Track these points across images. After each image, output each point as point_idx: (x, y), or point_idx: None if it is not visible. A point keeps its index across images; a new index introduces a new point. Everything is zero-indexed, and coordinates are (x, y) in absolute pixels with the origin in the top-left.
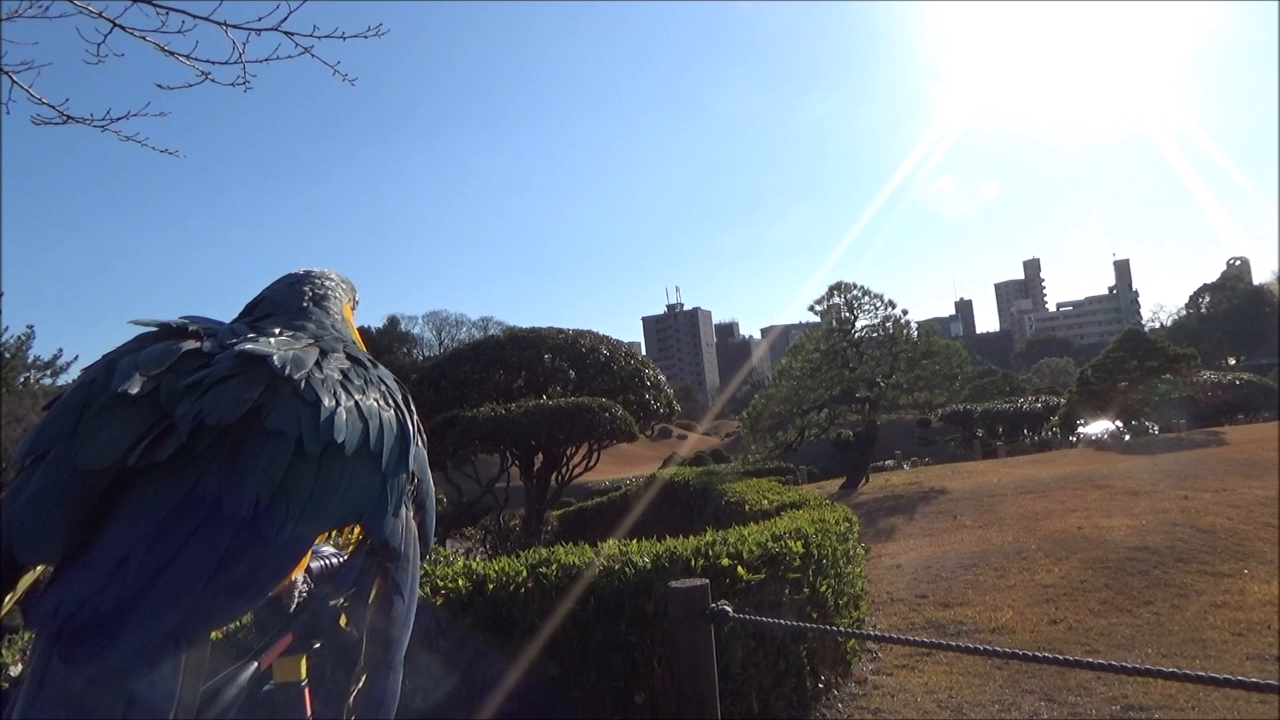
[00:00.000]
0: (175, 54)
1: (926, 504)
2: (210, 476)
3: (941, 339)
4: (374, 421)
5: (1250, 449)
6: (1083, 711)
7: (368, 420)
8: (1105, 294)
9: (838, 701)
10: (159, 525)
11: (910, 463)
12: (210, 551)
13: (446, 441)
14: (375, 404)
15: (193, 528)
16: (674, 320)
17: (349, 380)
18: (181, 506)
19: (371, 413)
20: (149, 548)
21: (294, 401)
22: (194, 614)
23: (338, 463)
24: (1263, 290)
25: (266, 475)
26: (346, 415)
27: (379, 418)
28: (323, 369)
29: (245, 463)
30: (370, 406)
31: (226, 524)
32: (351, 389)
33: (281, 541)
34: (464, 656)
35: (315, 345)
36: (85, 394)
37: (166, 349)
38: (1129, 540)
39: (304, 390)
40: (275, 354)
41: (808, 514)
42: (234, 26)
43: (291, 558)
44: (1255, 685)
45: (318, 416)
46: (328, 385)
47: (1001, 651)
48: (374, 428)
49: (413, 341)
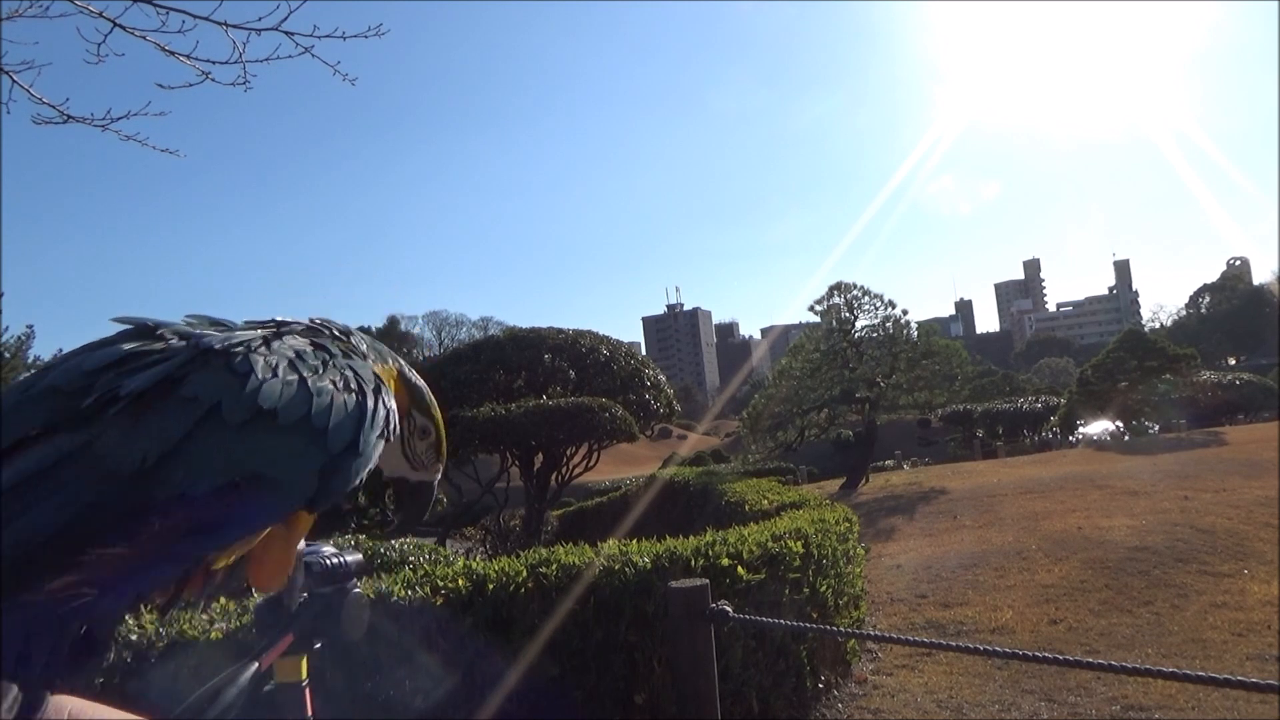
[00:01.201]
0: (175, 54)
1: (926, 504)
2: (105, 436)
3: (941, 339)
4: (321, 399)
5: (1250, 449)
6: (1083, 711)
7: (314, 397)
8: (1105, 294)
9: (838, 701)
10: (32, 472)
11: (910, 463)
12: (75, 500)
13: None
14: (329, 384)
15: (70, 478)
16: (674, 320)
17: (301, 359)
18: (63, 459)
19: (321, 390)
20: (14, 490)
21: (221, 373)
22: (42, 560)
23: (265, 432)
24: (1263, 290)
25: (160, 436)
26: (284, 388)
27: (329, 396)
28: (271, 347)
29: (143, 425)
30: (321, 385)
31: (109, 479)
32: (302, 368)
33: (162, 500)
34: (464, 656)
35: (277, 329)
36: (17, 388)
37: (117, 350)
38: (1129, 540)
39: (237, 363)
40: (218, 333)
41: (808, 514)
42: (234, 26)
43: (180, 517)
44: (1255, 685)
45: (244, 386)
46: (268, 361)
47: (1001, 651)
48: (319, 404)
49: (413, 341)
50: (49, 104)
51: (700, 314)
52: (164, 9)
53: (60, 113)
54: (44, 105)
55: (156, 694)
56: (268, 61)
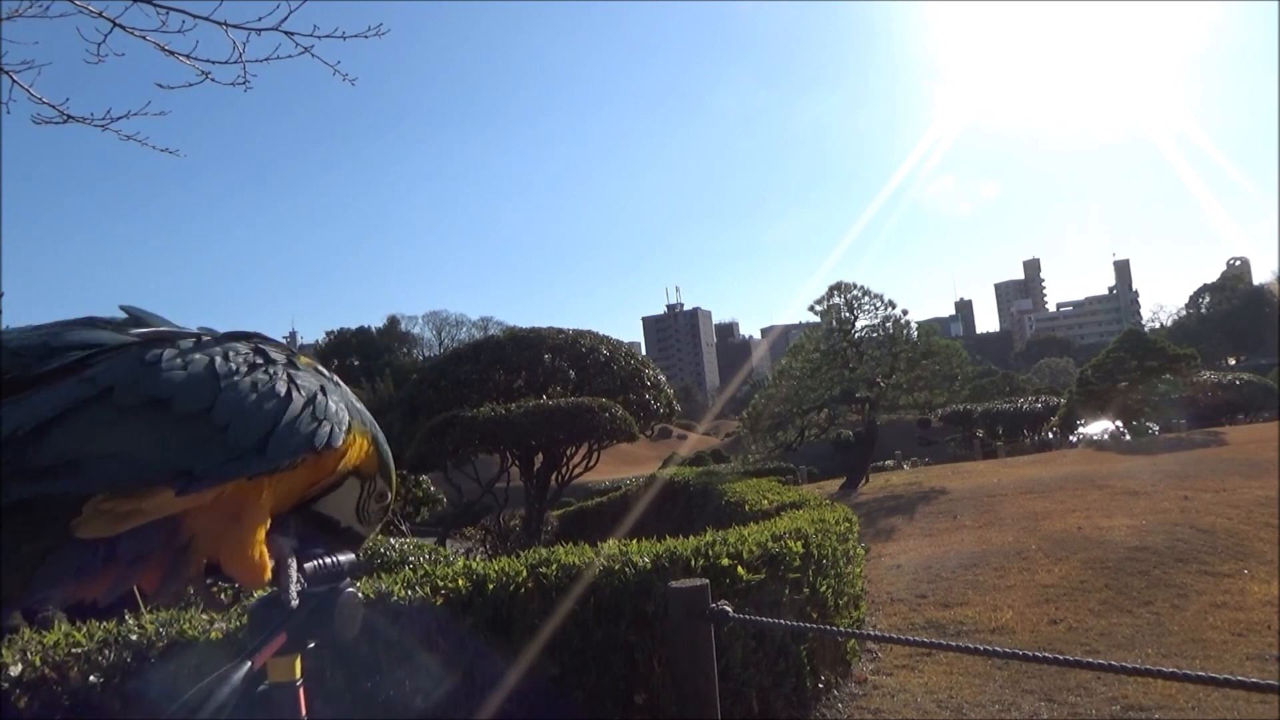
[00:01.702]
0: (175, 54)
1: (926, 504)
2: (5, 407)
3: (941, 339)
4: (229, 394)
5: (1250, 449)
6: (1083, 711)
7: (222, 390)
8: (1105, 294)
9: (838, 701)
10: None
11: (910, 463)
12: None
13: (446, 441)
14: (247, 382)
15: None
16: (674, 320)
17: (227, 359)
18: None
19: (239, 388)
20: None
21: (131, 362)
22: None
23: (156, 418)
24: (1263, 290)
25: (35, 409)
26: (189, 380)
27: (240, 391)
28: (201, 344)
29: (27, 399)
30: (240, 384)
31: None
32: (226, 366)
33: (33, 469)
34: (464, 656)
35: (212, 333)
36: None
37: (80, 335)
38: (1129, 540)
39: (149, 354)
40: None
41: (808, 514)
42: (234, 26)
43: (44, 487)
44: (1255, 685)
45: (148, 376)
46: (186, 356)
47: (1001, 651)
48: (229, 399)
49: (413, 341)
50: (49, 104)
51: (700, 314)
52: (164, 9)
53: (60, 113)
54: (44, 105)
55: (156, 694)
56: (268, 61)
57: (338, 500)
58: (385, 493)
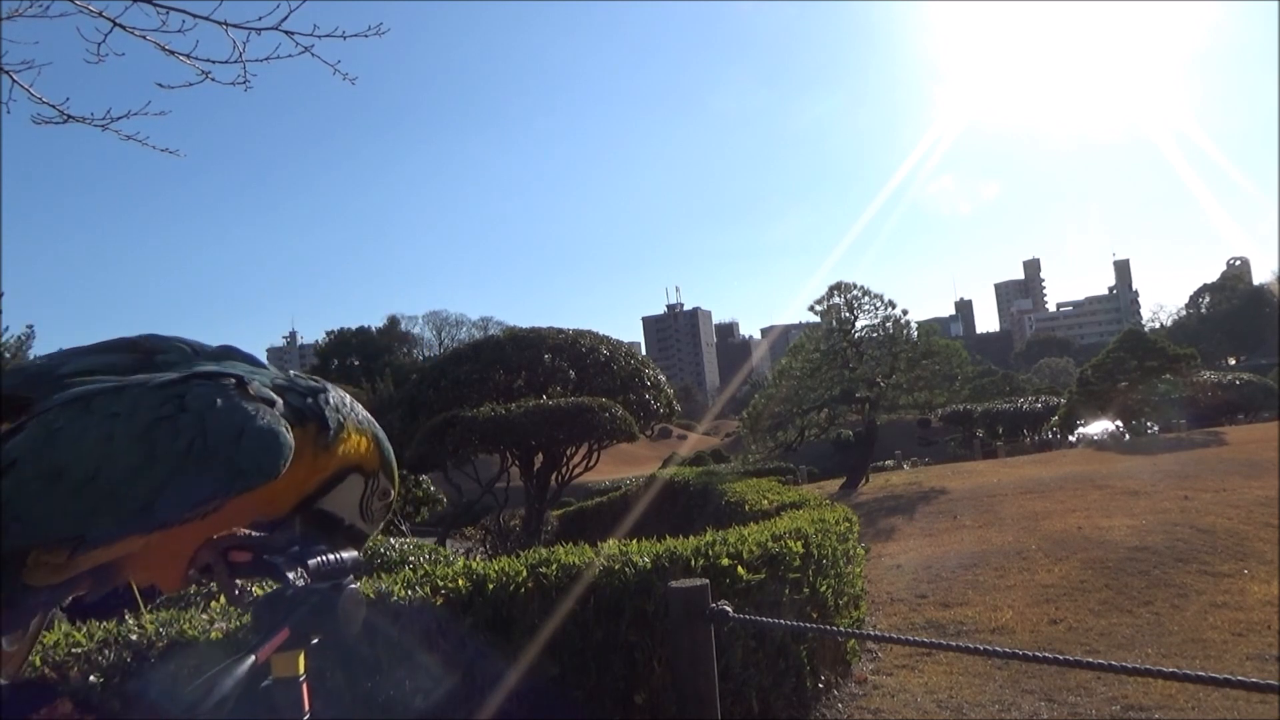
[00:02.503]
0: (175, 53)
1: (926, 504)
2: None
3: (941, 339)
4: (122, 459)
5: (1250, 449)
6: (1083, 711)
7: (114, 455)
8: (1105, 294)
9: (838, 701)
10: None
11: (910, 463)
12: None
13: (446, 441)
14: (141, 446)
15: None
16: (674, 320)
17: (132, 418)
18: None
19: (131, 452)
20: None
21: (37, 431)
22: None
23: (52, 486)
24: (1263, 290)
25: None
26: (85, 448)
27: (132, 456)
28: (122, 393)
29: (21, 429)
30: (132, 448)
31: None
32: (128, 428)
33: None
34: (464, 656)
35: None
36: None
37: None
38: (1129, 540)
39: (59, 420)
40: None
41: (808, 514)
42: (234, 26)
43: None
44: (1255, 685)
45: (49, 447)
46: (94, 417)
47: (1001, 651)
48: (120, 465)
49: (413, 341)
50: (49, 104)
51: (700, 314)
52: (164, 9)
53: (60, 112)
54: (44, 105)
55: (156, 694)
56: (268, 61)
57: (341, 497)
58: (389, 490)
